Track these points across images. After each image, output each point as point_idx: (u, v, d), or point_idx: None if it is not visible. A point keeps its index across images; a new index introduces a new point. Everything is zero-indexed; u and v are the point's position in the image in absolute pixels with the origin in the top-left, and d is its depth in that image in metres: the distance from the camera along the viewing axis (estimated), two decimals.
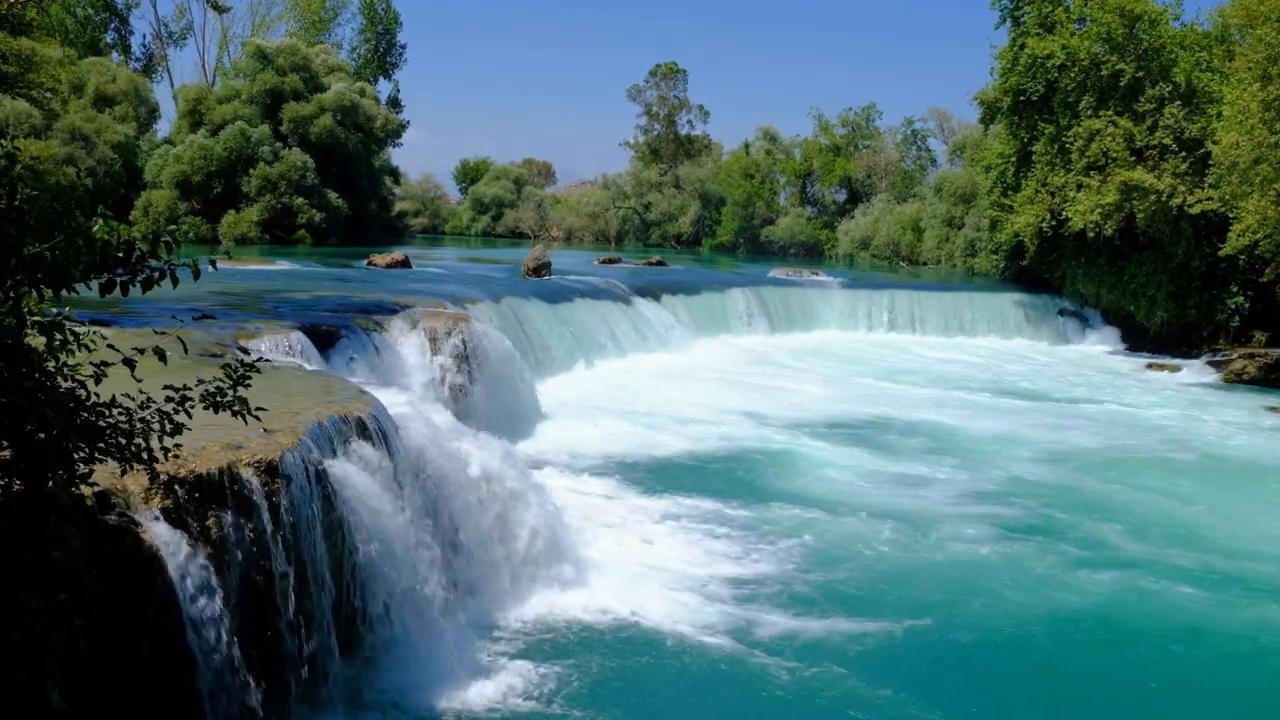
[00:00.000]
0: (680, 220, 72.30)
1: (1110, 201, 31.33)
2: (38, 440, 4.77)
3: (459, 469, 10.35)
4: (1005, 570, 11.97)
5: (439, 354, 16.40)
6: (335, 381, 10.99)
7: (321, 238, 47.56)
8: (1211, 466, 18.04)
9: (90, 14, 61.25)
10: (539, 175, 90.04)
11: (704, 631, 9.80)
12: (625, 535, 12.47)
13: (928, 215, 53.89)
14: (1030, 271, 37.62)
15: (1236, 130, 27.56)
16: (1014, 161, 36.43)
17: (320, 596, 7.75)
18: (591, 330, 24.94)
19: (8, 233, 4.62)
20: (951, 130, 65.06)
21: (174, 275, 4.95)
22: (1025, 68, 33.65)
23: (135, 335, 10.71)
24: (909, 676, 9.20)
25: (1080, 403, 23.72)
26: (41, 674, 4.65)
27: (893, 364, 28.48)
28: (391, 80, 71.95)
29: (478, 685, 8.51)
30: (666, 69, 76.50)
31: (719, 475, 15.68)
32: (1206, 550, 12.96)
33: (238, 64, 57.18)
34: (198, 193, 47.34)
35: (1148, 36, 32.07)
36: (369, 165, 53.62)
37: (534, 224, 77.40)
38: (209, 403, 5.58)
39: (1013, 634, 10.30)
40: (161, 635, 6.29)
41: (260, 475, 7.31)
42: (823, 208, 67.86)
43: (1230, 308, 32.03)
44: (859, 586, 11.27)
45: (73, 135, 44.64)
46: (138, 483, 6.41)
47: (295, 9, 68.02)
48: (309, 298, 19.39)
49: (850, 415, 20.74)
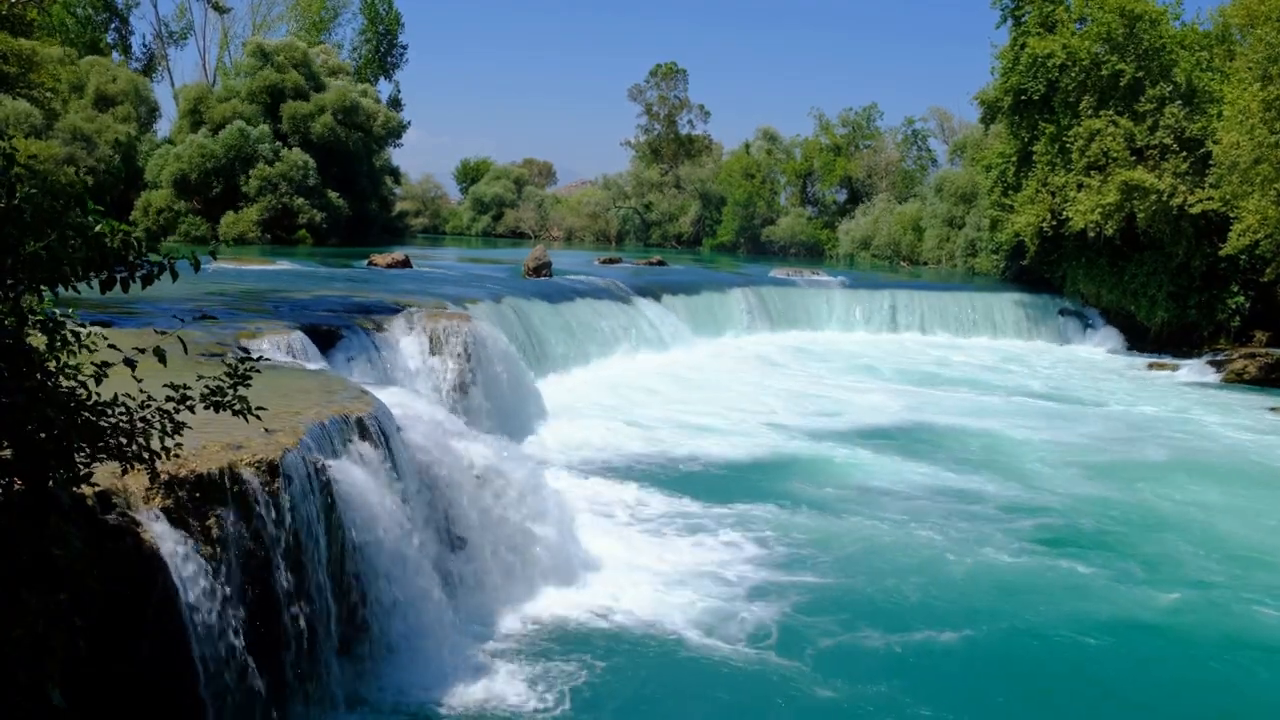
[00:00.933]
0: (681, 220, 72.30)
1: (1111, 201, 31.32)
2: (38, 440, 4.76)
3: (459, 469, 10.34)
4: (1037, 579, 11.67)
5: (440, 354, 16.39)
6: (336, 381, 10.98)
7: (322, 238, 47.55)
8: (1224, 469, 17.85)
9: (90, 14, 61.29)
10: (539, 175, 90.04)
11: (706, 632, 9.79)
12: (626, 535, 12.48)
13: (928, 215, 53.88)
14: (1031, 271, 37.63)
15: (1237, 130, 27.56)
16: (1014, 161, 36.43)
17: (320, 596, 7.75)
18: (592, 330, 24.95)
19: (7, 232, 4.60)
20: (952, 130, 65.08)
21: (174, 270, 4.93)
22: (1026, 67, 33.65)
23: (136, 335, 10.69)
24: (911, 678, 9.20)
25: (1087, 404, 23.67)
26: (42, 673, 4.65)
27: (892, 363, 28.47)
28: (392, 80, 72.11)
29: (477, 684, 8.51)
30: (667, 69, 76.52)
31: (720, 475, 15.68)
32: (1235, 558, 12.73)
33: (238, 63, 57.18)
34: (197, 192, 47.31)
35: (1148, 36, 32.07)
36: (369, 165, 53.62)
37: (534, 224, 77.39)
38: (210, 402, 5.57)
39: (1039, 642, 10.14)
40: (162, 635, 6.28)
41: (261, 475, 7.30)
42: (823, 208, 67.86)
43: (1231, 307, 32.03)
44: (867, 588, 11.24)
45: (73, 135, 44.72)
46: (138, 482, 6.40)
47: (296, 9, 68.07)
48: (309, 298, 19.38)
49: (852, 414, 20.74)
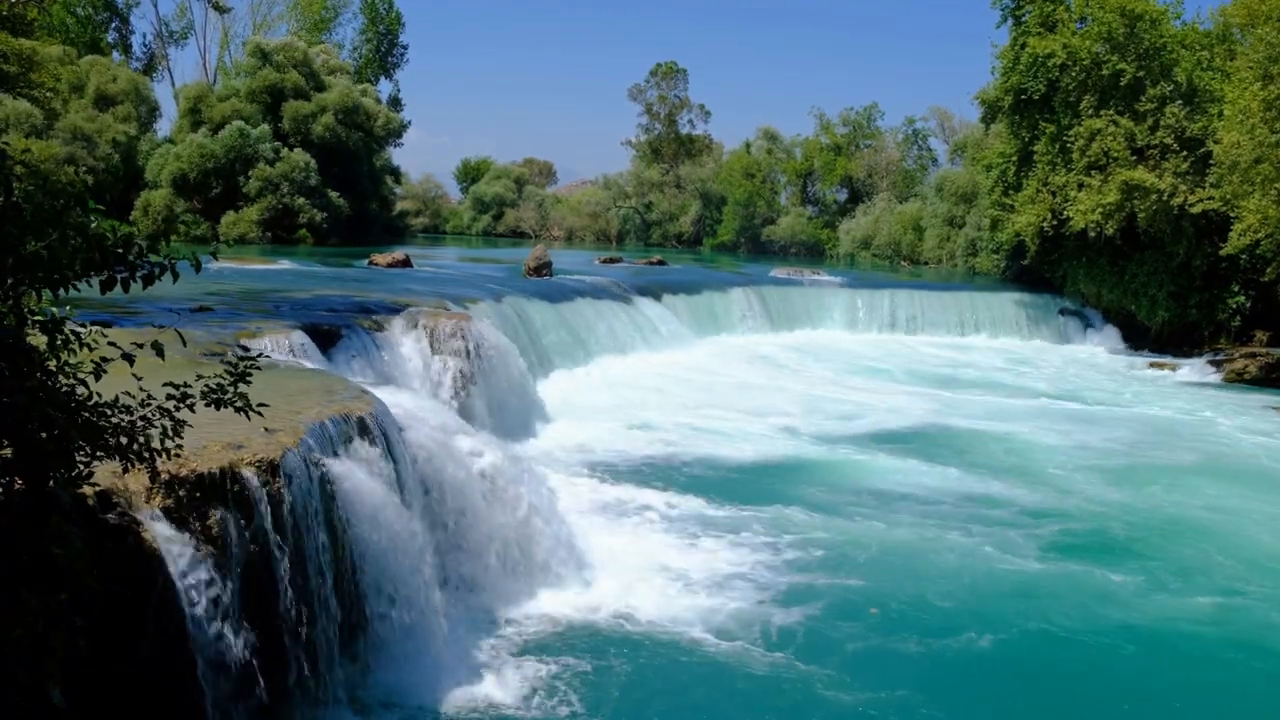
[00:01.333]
0: (681, 220, 72.29)
1: (1111, 201, 31.31)
2: (39, 439, 4.75)
3: (460, 468, 10.34)
4: (1062, 584, 11.52)
5: (440, 353, 16.38)
6: (336, 381, 10.98)
7: (322, 237, 47.55)
8: (1244, 472, 17.82)
9: (91, 13, 61.26)
10: (540, 175, 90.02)
11: (712, 634, 9.77)
12: (628, 535, 12.47)
13: (929, 215, 53.87)
14: (1031, 271, 37.62)
15: (1237, 129, 27.55)
16: (1015, 161, 36.41)
17: (321, 595, 7.75)
18: (593, 329, 24.95)
19: (6, 231, 4.59)
20: (952, 129, 65.05)
21: (174, 270, 4.91)
22: (1026, 67, 33.63)
23: (136, 334, 10.68)
24: (933, 685, 9.20)
25: (1098, 405, 23.62)
26: (42, 673, 4.64)
27: (895, 363, 28.47)
28: (392, 80, 72.07)
29: (477, 683, 8.52)
30: (667, 68, 76.50)
31: (721, 475, 15.66)
32: (1263, 563, 12.63)
33: (239, 63, 57.17)
34: (197, 192, 47.31)
35: (1149, 36, 32.05)
36: (370, 165, 53.60)
37: (535, 224, 77.39)
38: (210, 400, 5.55)
39: (1053, 645, 10.10)
40: (162, 634, 6.28)
41: (261, 474, 7.30)
42: (824, 207, 67.85)
43: (1231, 307, 32.01)
44: (872, 588, 11.24)
45: (74, 135, 44.68)
46: (139, 482, 6.40)
47: (296, 8, 68.01)
48: (310, 297, 19.37)
49: (854, 413, 20.72)
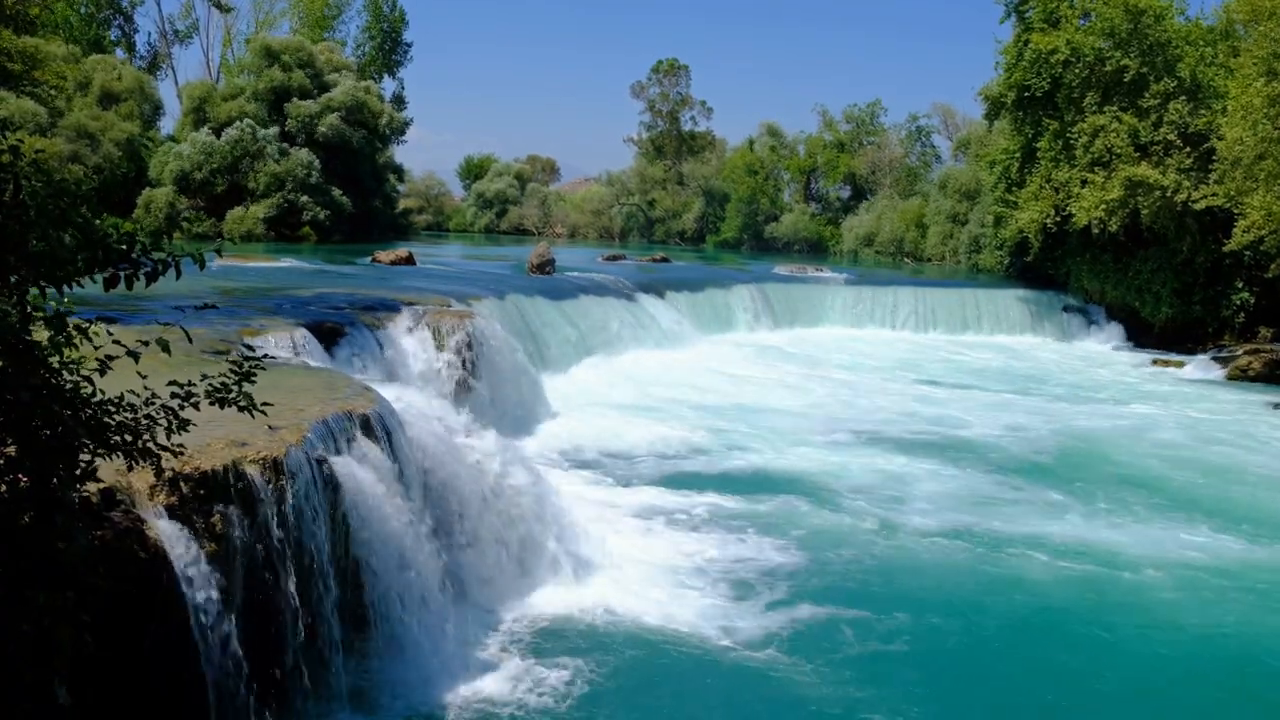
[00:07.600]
0: (684, 217, 72.26)
1: (1115, 197, 31.25)
2: (44, 437, 4.76)
3: (463, 465, 10.35)
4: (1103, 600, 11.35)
5: (444, 350, 16.39)
6: (340, 378, 10.99)
7: (326, 235, 47.62)
8: (1219, 460, 17.93)
9: (94, 11, 61.29)
10: (543, 172, 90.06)
11: (708, 632, 9.77)
12: (629, 532, 12.46)
13: (932, 211, 53.83)
14: (1034, 268, 37.57)
15: (1241, 126, 27.46)
16: (1018, 157, 36.36)
17: (324, 592, 7.77)
18: (596, 327, 24.94)
19: (10, 228, 4.60)
20: (956, 126, 65.00)
21: (178, 267, 4.92)
22: (1030, 63, 33.55)
23: (140, 332, 10.70)
24: (921, 678, 9.20)
25: (1095, 402, 23.59)
26: (48, 671, 4.65)
27: (896, 359, 28.46)
28: (396, 78, 72.00)
29: (480, 681, 8.53)
30: (669, 65, 76.45)
31: (726, 473, 15.65)
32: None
33: (243, 61, 57.18)
34: (202, 190, 47.37)
35: (1152, 32, 31.98)
36: (373, 163, 53.62)
37: (538, 221, 77.44)
38: (215, 398, 5.56)
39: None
40: (166, 631, 6.30)
41: (265, 472, 7.31)
42: (827, 204, 67.86)
43: (1235, 304, 31.94)
44: (874, 586, 11.25)
45: (78, 133, 44.73)
46: (143, 480, 6.41)
47: (299, 6, 67.98)
48: (313, 295, 19.37)
49: (855, 412, 20.73)
